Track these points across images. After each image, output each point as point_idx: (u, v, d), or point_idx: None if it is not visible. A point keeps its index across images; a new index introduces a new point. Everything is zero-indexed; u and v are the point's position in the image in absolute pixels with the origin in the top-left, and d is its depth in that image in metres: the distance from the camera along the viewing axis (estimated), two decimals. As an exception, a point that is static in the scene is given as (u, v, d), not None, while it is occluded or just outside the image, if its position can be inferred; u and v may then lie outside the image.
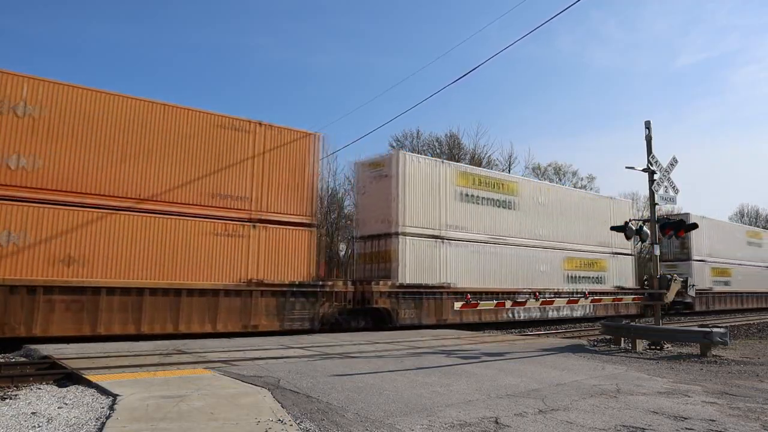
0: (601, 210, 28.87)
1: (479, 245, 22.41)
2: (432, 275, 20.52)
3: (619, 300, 16.10)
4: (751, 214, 78.74)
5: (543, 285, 23.86)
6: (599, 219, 28.09)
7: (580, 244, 27.08)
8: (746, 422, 6.35)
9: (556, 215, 26.21)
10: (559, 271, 25.72)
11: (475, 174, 23.28)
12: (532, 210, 25.00)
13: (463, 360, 11.03)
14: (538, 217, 25.28)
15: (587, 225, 27.69)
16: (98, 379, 7.91)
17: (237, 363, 9.87)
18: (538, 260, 24.74)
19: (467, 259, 21.85)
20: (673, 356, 12.45)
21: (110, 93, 14.80)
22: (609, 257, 28.68)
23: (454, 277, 21.23)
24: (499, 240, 23.27)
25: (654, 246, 14.79)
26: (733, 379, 9.47)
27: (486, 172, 24.45)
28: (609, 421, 6.24)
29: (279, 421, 5.84)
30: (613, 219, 27.37)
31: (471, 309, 17.16)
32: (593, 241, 27.69)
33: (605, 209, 29.11)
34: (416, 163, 20.87)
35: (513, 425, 6.00)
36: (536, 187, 26.35)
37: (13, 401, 6.87)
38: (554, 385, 8.44)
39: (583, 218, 27.58)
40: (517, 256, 23.75)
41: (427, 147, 50.72)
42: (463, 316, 20.61)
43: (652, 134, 14.87)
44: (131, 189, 14.74)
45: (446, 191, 21.55)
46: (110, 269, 14.12)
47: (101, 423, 5.72)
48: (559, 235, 26.10)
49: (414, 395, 7.42)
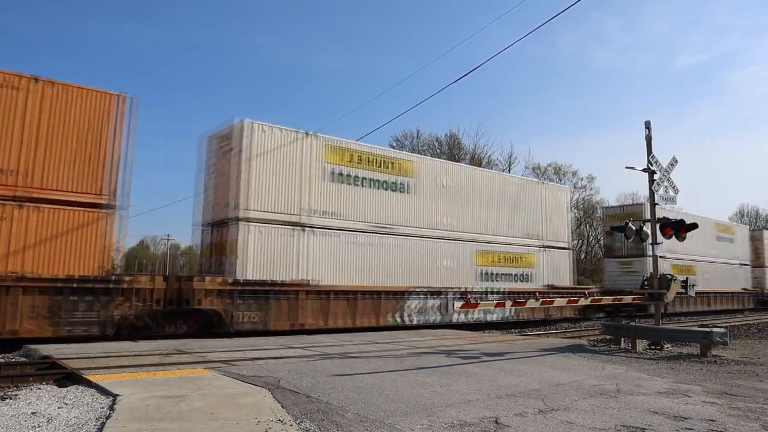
0: (531, 196, 25.10)
1: (358, 235, 18.75)
2: (288, 270, 16.94)
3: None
4: (751, 214, 78.83)
5: (446, 283, 20.71)
6: (528, 206, 24.70)
7: (500, 235, 23.33)
8: (746, 422, 6.35)
9: (467, 201, 22.33)
10: (470, 267, 21.88)
11: (354, 150, 19.25)
12: (433, 194, 21.17)
13: (463, 360, 11.03)
14: (441, 202, 21.39)
15: (511, 213, 23.96)
16: (98, 379, 7.91)
17: (237, 363, 9.87)
18: (440, 254, 20.97)
19: (341, 251, 18.23)
20: (673, 356, 12.45)
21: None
22: (539, 251, 24.85)
23: (322, 273, 17.62)
24: (387, 229, 19.55)
25: (654, 246, 14.79)
26: (733, 379, 9.47)
27: (370, 147, 19.79)
28: (609, 421, 6.24)
29: (279, 421, 5.84)
30: (546, 206, 25.38)
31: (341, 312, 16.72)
32: (519, 232, 24.11)
33: (535, 195, 25.36)
34: (268, 135, 17.08)
35: (513, 425, 6.00)
36: (440, 167, 22.17)
37: (13, 401, 6.87)
38: (554, 385, 8.44)
39: (505, 205, 23.77)
40: (410, 248, 20.06)
41: (427, 147, 50.83)
42: (330, 319, 17.27)
43: (652, 134, 14.88)
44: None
45: (313, 170, 17.93)
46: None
47: (101, 423, 5.72)
48: (470, 225, 22.25)
49: (414, 395, 7.42)
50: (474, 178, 23.20)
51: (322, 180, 18.20)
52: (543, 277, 24.81)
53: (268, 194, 16.92)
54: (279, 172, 17.27)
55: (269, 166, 17.06)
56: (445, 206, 21.58)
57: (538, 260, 24.73)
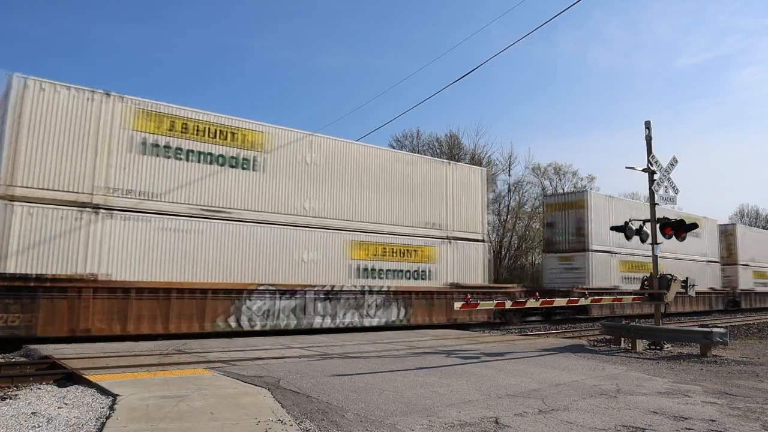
0: (432, 178, 21.24)
1: (179, 220, 15.24)
2: (72, 263, 13.64)
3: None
4: (751, 214, 78.69)
5: (308, 279, 17.28)
6: (428, 190, 20.99)
7: (387, 224, 19.56)
8: (746, 422, 6.35)
9: (341, 182, 18.63)
10: (342, 261, 18.27)
11: (177, 116, 15.62)
12: (293, 172, 17.55)
13: (464, 360, 11.03)
14: (304, 183, 17.75)
15: (404, 198, 20.23)
16: (98, 379, 7.91)
17: (237, 363, 9.87)
18: (300, 245, 17.36)
19: (152, 240, 14.81)
20: (673, 356, 12.45)
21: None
22: (442, 244, 21.04)
23: (124, 267, 14.28)
24: (222, 214, 15.97)
25: (654, 246, 14.78)
26: (733, 379, 9.47)
27: (200, 114, 16.15)
28: (609, 421, 6.24)
29: (279, 421, 5.84)
30: (455, 191, 21.83)
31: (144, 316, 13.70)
32: (414, 220, 20.36)
33: (438, 177, 21.48)
34: (50, 94, 13.89)
35: (513, 425, 6.00)
36: (303, 140, 18.10)
37: (13, 401, 6.87)
38: (554, 385, 8.44)
39: (395, 188, 20.04)
40: (256, 237, 16.46)
41: (427, 147, 50.79)
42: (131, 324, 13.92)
43: (652, 134, 14.88)
44: None
45: (114, 139, 14.59)
46: None
47: (101, 423, 5.72)
48: (343, 211, 18.61)
49: (414, 395, 7.42)
50: (352, 154, 19.27)
51: (128, 152, 14.78)
52: (447, 273, 21.03)
53: (44, 167, 13.62)
54: (64, 140, 13.96)
55: (49, 132, 13.79)
56: (310, 187, 17.89)
57: (440, 254, 20.87)
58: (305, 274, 17.40)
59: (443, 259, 21.03)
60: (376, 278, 19.04)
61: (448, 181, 21.79)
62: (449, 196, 21.77)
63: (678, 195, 15.16)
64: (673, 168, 15.04)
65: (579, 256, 27.06)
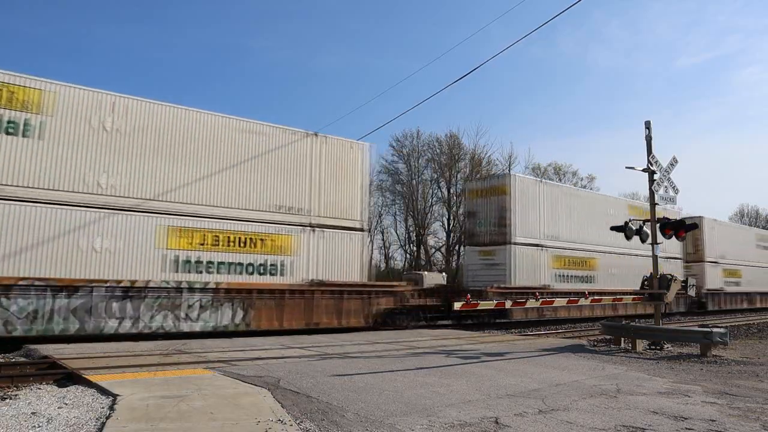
0: (291, 153, 17.85)
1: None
2: None
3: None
4: (751, 214, 78.69)
5: (101, 272, 14.06)
6: (284, 167, 17.62)
7: (222, 206, 16.25)
8: (746, 422, 6.35)
9: (156, 153, 15.39)
10: (152, 250, 14.98)
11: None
12: (84, 141, 14.28)
13: (463, 360, 11.03)
14: (102, 153, 14.48)
15: (249, 175, 16.89)
16: (98, 379, 7.91)
17: (237, 363, 9.87)
18: (92, 230, 14.12)
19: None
20: (673, 356, 12.45)
21: None
22: (302, 232, 17.59)
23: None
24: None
25: (654, 246, 14.78)
26: (733, 379, 9.47)
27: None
28: (609, 421, 6.24)
29: (279, 421, 5.84)
30: (324, 169, 18.39)
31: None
32: (261, 202, 16.97)
33: (300, 153, 18.03)
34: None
35: (513, 425, 6.00)
36: (103, 101, 14.77)
37: (13, 401, 6.87)
38: (554, 385, 8.44)
39: (237, 163, 16.81)
40: (24, 219, 13.22)
41: (427, 147, 50.84)
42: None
43: (652, 134, 14.87)
44: None
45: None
46: None
47: (101, 423, 5.72)
48: (156, 188, 15.28)
49: (414, 395, 7.42)
50: (174, 120, 15.87)
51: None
52: (309, 268, 17.64)
53: None
54: None
55: None
56: (109, 159, 14.63)
57: (298, 244, 17.47)
58: (98, 266, 14.09)
59: (303, 251, 17.55)
60: (203, 273, 15.68)
61: (315, 158, 18.31)
62: (315, 176, 18.26)
63: (678, 195, 15.17)
64: (673, 168, 15.04)
65: (500, 250, 22.98)
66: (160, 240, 15.19)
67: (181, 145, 15.85)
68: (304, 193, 17.94)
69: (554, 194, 25.37)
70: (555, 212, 24.99)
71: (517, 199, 23.26)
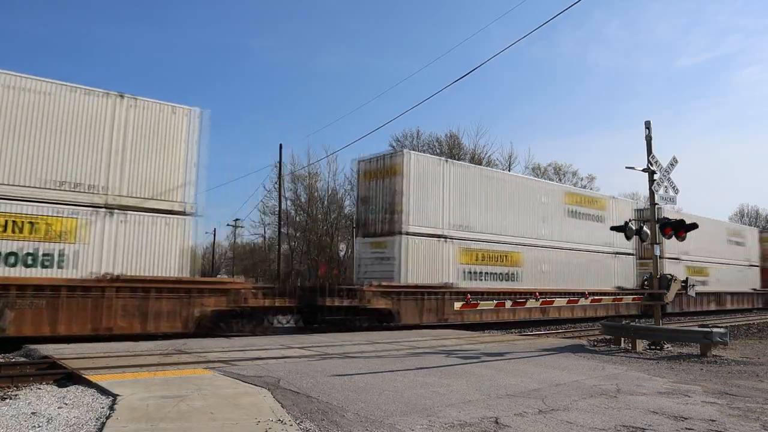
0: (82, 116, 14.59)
1: None
2: None
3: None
4: (751, 214, 78.68)
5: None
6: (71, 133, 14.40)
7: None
8: (746, 422, 6.35)
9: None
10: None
11: None
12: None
13: (463, 360, 11.03)
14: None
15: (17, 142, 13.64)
16: (98, 379, 7.91)
17: (237, 363, 9.87)
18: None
19: None
20: (673, 356, 12.45)
21: None
22: (94, 215, 14.49)
23: None
24: None
25: (654, 246, 14.78)
26: (733, 379, 9.47)
27: None
28: (609, 421, 6.24)
29: (279, 421, 5.84)
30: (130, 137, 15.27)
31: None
32: (34, 176, 13.81)
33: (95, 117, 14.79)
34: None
35: (513, 425, 6.00)
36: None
37: (13, 401, 6.87)
38: (554, 385, 8.44)
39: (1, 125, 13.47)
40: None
41: (427, 147, 50.83)
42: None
43: (652, 134, 14.87)
44: None
45: None
46: None
47: (101, 423, 5.72)
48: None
49: (414, 395, 7.42)
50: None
51: None
52: (103, 259, 14.45)
53: None
54: None
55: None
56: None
57: (87, 230, 14.29)
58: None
59: (95, 238, 14.41)
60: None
61: (119, 124, 15.16)
62: (118, 146, 15.12)
63: (678, 195, 15.17)
64: (673, 168, 15.04)
65: (390, 241, 19.72)
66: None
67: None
68: (99, 167, 14.73)
69: (465, 176, 21.62)
70: (465, 198, 21.32)
71: (413, 181, 19.84)
